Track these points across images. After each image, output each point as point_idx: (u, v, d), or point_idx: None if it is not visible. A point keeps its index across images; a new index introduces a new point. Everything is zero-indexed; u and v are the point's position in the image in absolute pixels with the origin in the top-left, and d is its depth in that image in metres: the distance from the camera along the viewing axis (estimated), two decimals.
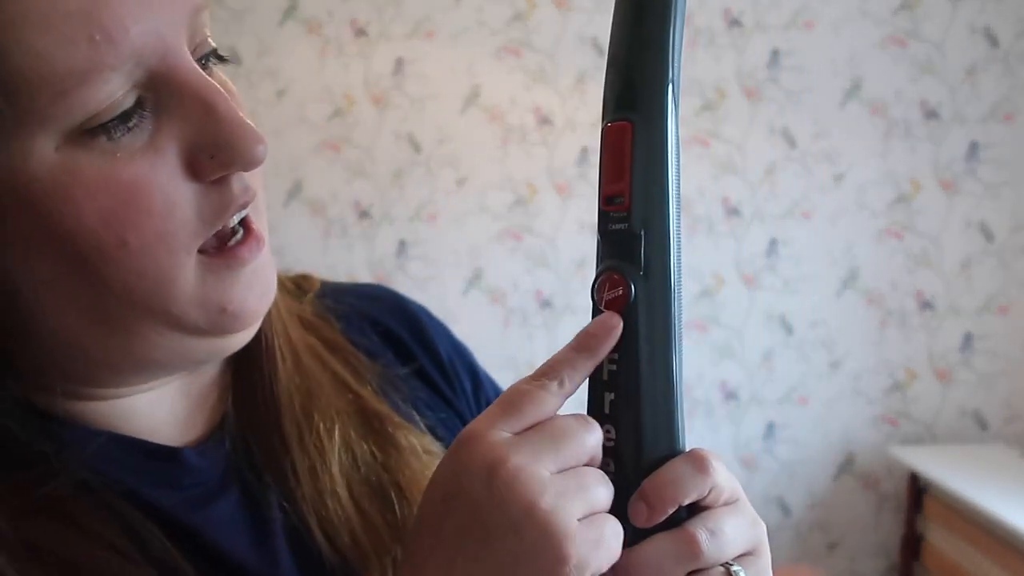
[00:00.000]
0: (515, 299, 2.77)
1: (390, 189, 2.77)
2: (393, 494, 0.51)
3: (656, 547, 0.40)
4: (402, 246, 2.76)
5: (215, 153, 0.39)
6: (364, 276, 2.73)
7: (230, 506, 0.47)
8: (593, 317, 0.40)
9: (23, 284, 0.39)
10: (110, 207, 0.37)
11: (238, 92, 0.44)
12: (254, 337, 0.47)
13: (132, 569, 0.41)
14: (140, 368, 0.44)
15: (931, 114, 2.78)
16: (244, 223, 0.43)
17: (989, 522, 2.21)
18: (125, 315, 0.40)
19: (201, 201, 0.40)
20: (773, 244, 2.81)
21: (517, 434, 0.39)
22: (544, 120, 2.79)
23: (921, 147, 2.78)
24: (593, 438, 0.40)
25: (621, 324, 0.39)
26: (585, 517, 0.38)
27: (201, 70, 0.40)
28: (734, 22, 2.78)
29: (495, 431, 0.38)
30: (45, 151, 0.36)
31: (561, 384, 0.40)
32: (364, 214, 2.77)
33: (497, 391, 0.63)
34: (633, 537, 0.40)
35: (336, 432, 0.51)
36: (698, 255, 2.82)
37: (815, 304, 2.82)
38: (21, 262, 0.38)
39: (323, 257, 2.75)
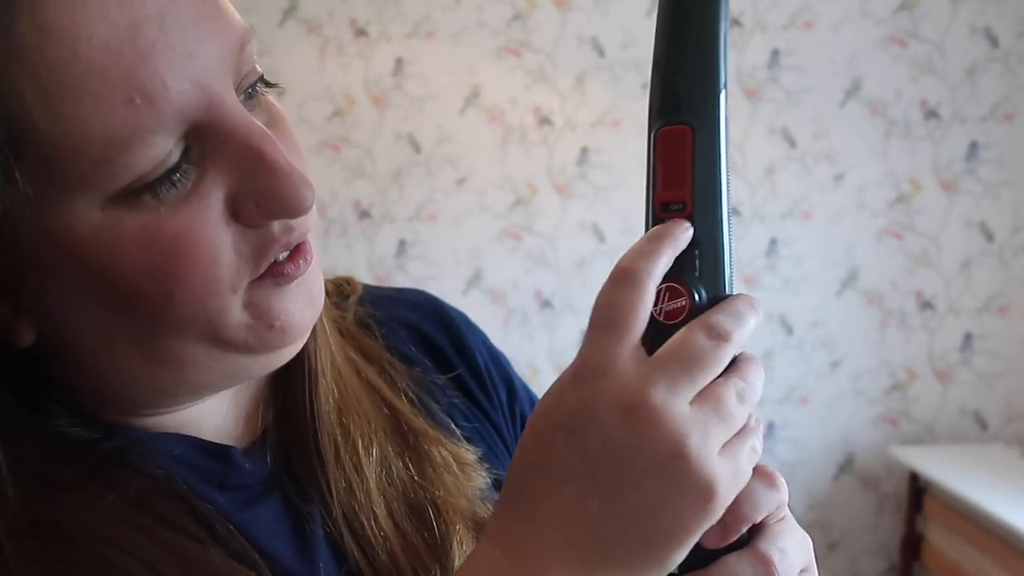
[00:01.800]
0: (515, 299, 2.77)
1: (390, 189, 2.77)
2: (430, 512, 0.51)
3: (732, 569, 0.38)
4: (402, 246, 2.76)
5: (261, 202, 0.39)
6: (364, 276, 2.72)
7: (272, 511, 0.48)
8: (650, 331, 0.38)
9: (75, 328, 0.40)
10: (155, 262, 0.37)
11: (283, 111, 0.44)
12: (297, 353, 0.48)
13: (211, 554, 0.42)
14: (193, 391, 0.45)
15: (931, 114, 2.78)
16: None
17: (989, 522, 2.21)
18: (175, 350, 0.41)
19: (241, 243, 0.39)
20: (773, 244, 2.81)
21: (644, 361, 0.36)
22: (544, 120, 2.79)
23: (921, 147, 2.78)
24: (725, 351, 0.37)
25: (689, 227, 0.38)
26: (727, 444, 0.37)
27: (247, 113, 0.39)
28: (734, 22, 2.78)
29: (622, 360, 0.36)
30: (89, 212, 0.36)
31: (646, 277, 0.38)
32: (364, 214, 2.77)
33: (532, 400, 0.63)
34: (698, 558, 0.38)
35: (373, 450, 0.51)
36: None
37: (815, 304, 2.82)
38: (70, 311, 0.39)
39: (323, 257, 2.73)
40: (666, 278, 0.38)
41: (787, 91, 2.77)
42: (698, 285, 0.38)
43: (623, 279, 0.38)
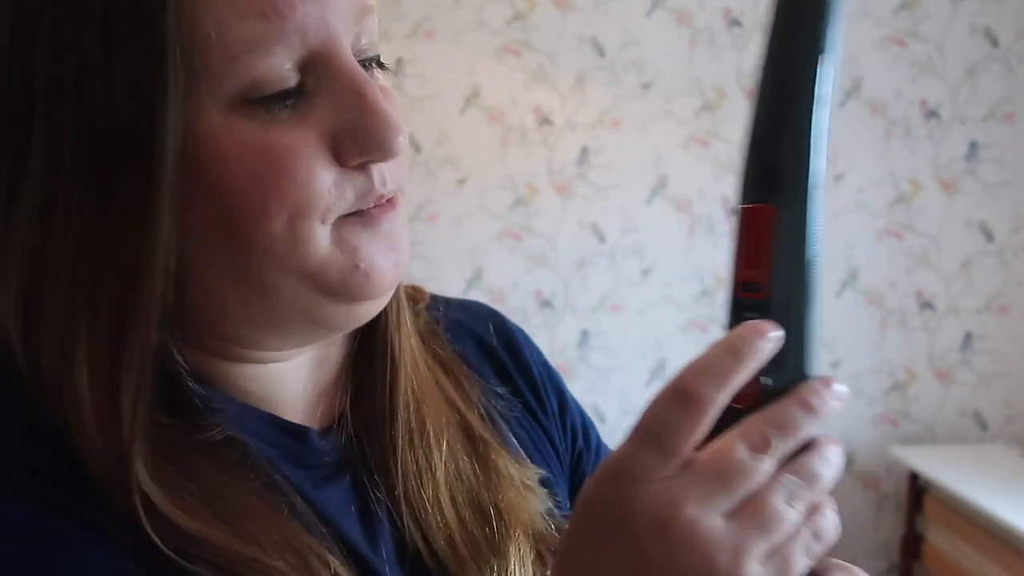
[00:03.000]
0: (515, 299, 2.77)
1: None
2: (492, 512, 0.52)
3: None
4: None
5: (356, 139, 0.42)
6: None
7: (342, 492, 0.49)
8: (724, 416, 0.36)
9: (183, 244, 0.42)
10: (257, 170, 0.41)
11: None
12: (379, 338, 0.50)
13: (279, 518, 0.44)
14: (279, 329, 0.46)
15: (931, 114, 2.78)
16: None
17: (989, 522, 2.21)
18: (263, 274, 0.43)
19: (342, 184, 0.43)
20: None
21: (683, 471, 0.36)
22: (544, 120, 2.79)
23: (921, 147, 2.78)
24: (765, 464, 0.36)
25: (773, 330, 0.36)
26: (770, 552, 0.36)
27: (357, 62, 0.43)
28: (734, 22, 2.78)
29: (662, 471, 0.36)
30: (212, 113, 0.40)
31: (707, 405, 0.36)
32: None
33: (582, 413, 0.64)
34: None
35: (444, 442, 0.52)
36: (699, 255, 2.82)
37: None
38: (182, 212, 0.41)
39: None
40: None
41: None
42: (768, 370, 0.36)
43: (684, 401, 0.36)
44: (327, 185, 0.42)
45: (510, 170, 2.76)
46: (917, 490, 2.63)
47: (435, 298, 0.62)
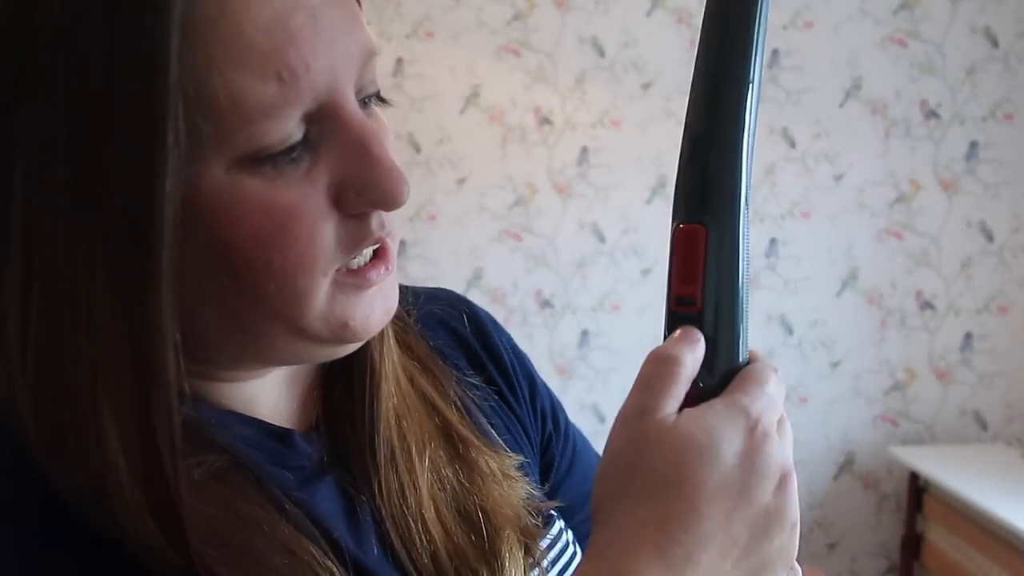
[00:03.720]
0: (515, 299, 2.77)
1: None
2: (479, 517, 0.53)
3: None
4: (402, 246, 2.76)
5: (362, 191, 0.43)
6: None
7: (328, 491, 0.50)
8: None
9: (181, 280, 0.42)
10: (263, 228, 0.41)
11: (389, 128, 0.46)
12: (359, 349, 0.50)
13: (282, 527, 0.44)
14: (260, 361, 0.48)
15: (931, 114, 2.78)
16: (378, 246, 0.46)
17: (989, 522, 2.21)
18: (257, 321, 0.44)
19: (340, 231, 0.43)
20: (773, 244, 2.81)
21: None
22: (544, 120, 2.78)
23: (921, 147, 2.78)
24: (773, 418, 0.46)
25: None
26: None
27: (361, 111, 0.44)
28: None
29: (654, 407, 0.43)
30: (217, 171, 0.40)
31: (679, 362, 0.44)
32: None
33: (552, 398, 0.67)
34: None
35: (427, 455, 0.53)
36: None
37: (815, 304, 2.82)
38: (181, 259, 0.41)
39: None
40: None
41: (787, 91, 2.77)
42: (705, 376, 0.41)
43: (663, 360, 0.44)
44: (329, 239, 0.43)
45: (510, 170, 2.76)
46: (917, 490, 2.63)
47: (403, 290, 0.59)
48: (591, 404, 2.80)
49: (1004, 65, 2.76)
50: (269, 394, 0.51)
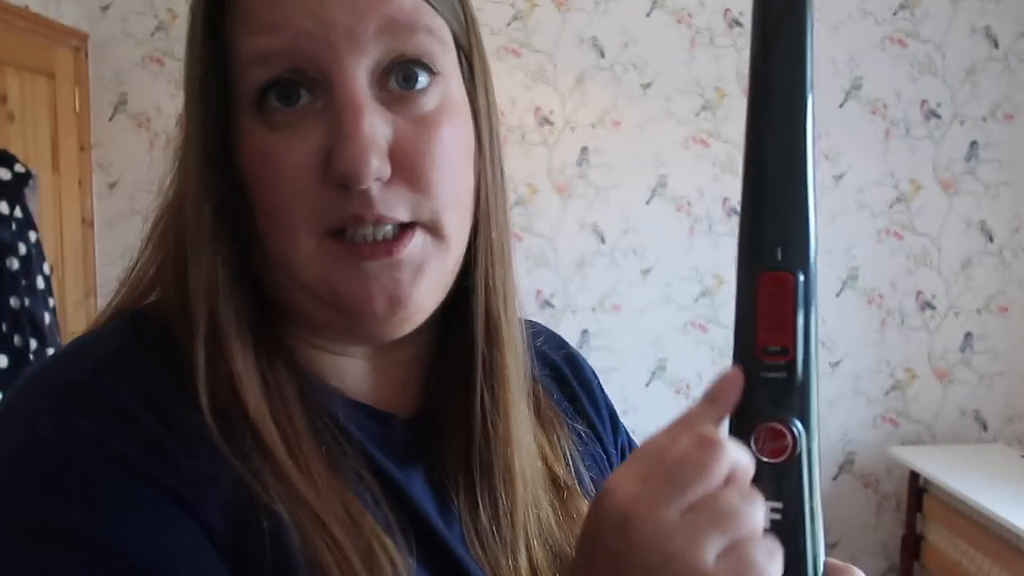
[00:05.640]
0: None
1: None
2: (569, 556, 0.54)
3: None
4: None
5: (330, 160, 0.45)
6: None
7: (421, 478, 0.53)
8: (756, 471, 0.40)
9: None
10: (260, 170, 0.46)
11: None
12: (481, 389, 0.53)
13: (368, 521, 0.47)
14: (315, 325, 0.51)
15: (931, 114, 2.78)
16: (399, 233, 0.47)
17: (989, 522, 2.21)
18: (271, 267, 0.48)
19: (325, 195, 0.45)
20: None
21: (646, 482, 0.39)
22: (544, 120, 2.79)
23: (921, 147, 2.78)
24: (720, 465, 0.38)
25: (742, 378, 0.40)
26: (728, 547, 0.37)
27: (363, 85, 0.45)
28: (734, 22, 2.78)
29: (626, 481, 0.39)
30: (245, 121, 0.47)
31: (694, 429, 0.40)
32: None
33: (629, 438, 0.68)
34: None
35: (529, 496, 0.54)
36: (698, 255, 2.82)
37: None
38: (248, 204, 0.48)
39: None
40: (772, 418, 0.39)
41: None
42: (797, 422, 0.39)
43: (677, 426, 0.41)
44: (309, 198, 0.45)
45: (510, 170, 2.74)
46: (917, 490, 2.63)
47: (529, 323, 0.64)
48: None
49: (1004, 65, 2.76)
50: (371, 378, 0.54)
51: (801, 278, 0.38)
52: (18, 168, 2.13)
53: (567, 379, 0.65)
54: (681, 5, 2.78)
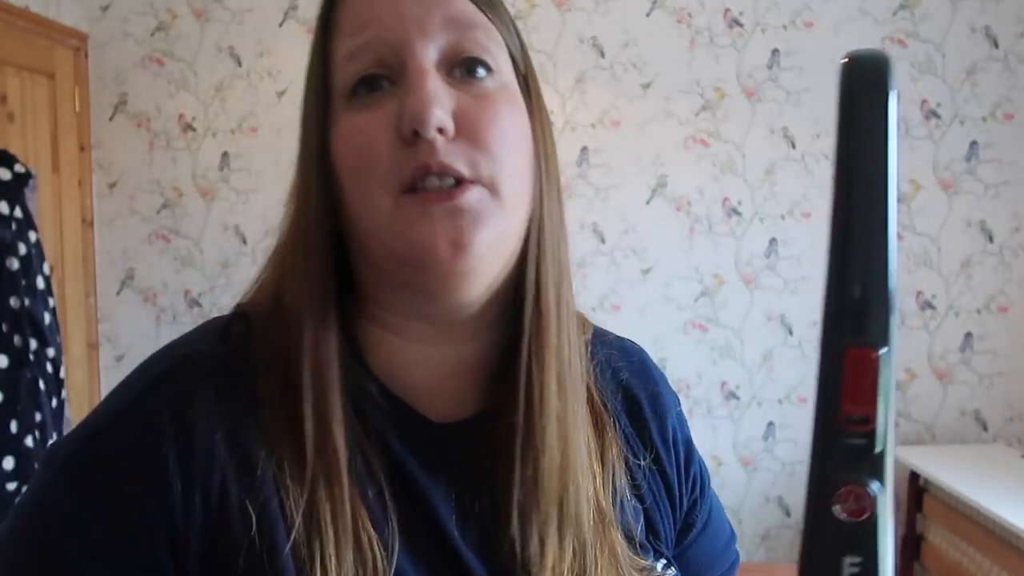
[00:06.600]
0: None
1: None
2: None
3: None
4: None
5: (402, 114, 0.52)
6: None
7: (445, 479, 0.56)
8: (814, 512, 0.42)
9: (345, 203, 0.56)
10: (349, 145, 0.54)
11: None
12: (540, 385, 0.56)
13: (355, 498, 0.52)
14: (390, 289, 0.56)
15: (931, 114, 2.78)
16: (458, 184, 0.52)
17: (989, 522, 2.21)
18: (360, 232, 0.54)
19: (397, 152, 0.52)
20: (773, 244, 2.81)
21: None
22: None
23: (921, 147, 2.79)
24: None
25: None
26: None
27: (431, 60, 0.53)
28: (734, 22, 2.78)
29: None
30: (339, 110, 0.55)
31: None
32: None
33: (702, 465, 0.69)
34: None
35: (568, 532, 0.56)
36: (698, 255, 2.82)
37: (815, 304, 2.82)
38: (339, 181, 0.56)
39: None
40: (856, 482, 0.42)
41: (787, 91, 2.77)
42: (874, 485, 0.42)
43: None
44: (386, 158, 0.52)
45: None
46: (917, 490, 2.63)
47: (596, 332, 0.68)
48: None
49: (1004, 65, 2.76)
50: (426, 372, 0.58)
51: (885, 353, 0.41)
52: (18, 168, 2.13)
53: (642, 410, 0.66)
54: (681, 5, 2.78)
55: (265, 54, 2.84)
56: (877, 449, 0.41)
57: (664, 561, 0.61)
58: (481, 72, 0.54)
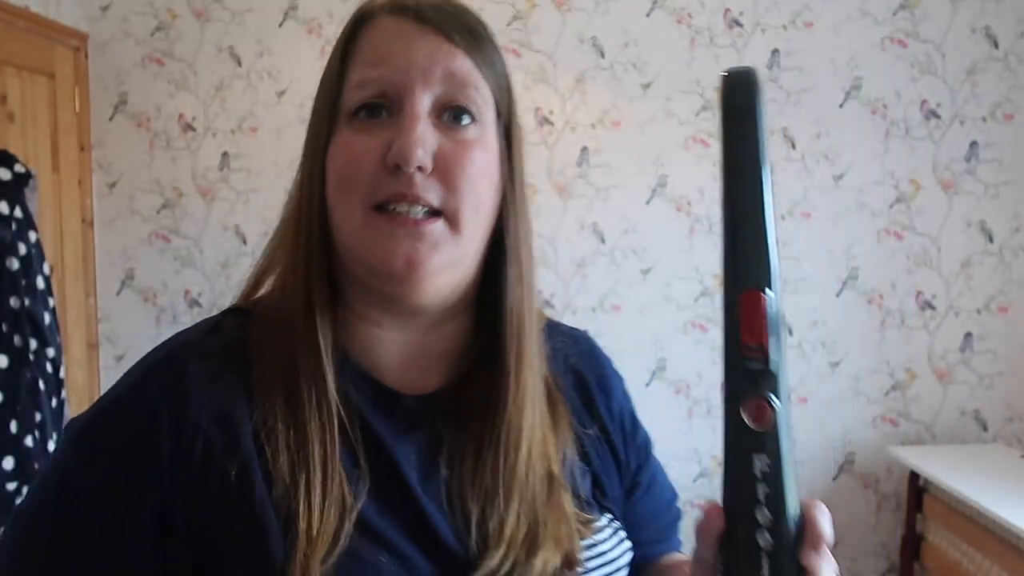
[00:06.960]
0: None
1: None
2: (540, 527, 0.64)
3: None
4: None
5: (390, 148, 0.61)
6: None
7: (414, 443, 0.65)
8: (730, 424, 0.52)
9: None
10: (338, 155, 0.63)
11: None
12: (502, 350, 0.66)
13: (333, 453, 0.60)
14: (361, 285, 0.65)
15: (931, 114, 2.78)
16: (426, 217, 0.62)
17: (989, 522, 2.21)
18: (340, 238, 0.63)
19: (379, 177, 0.61)
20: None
21: None
22: (544, 120, 2.79)
23: (921, 147, 2.79)
24: None
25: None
26: None
27: (424, 106, 0.62)
28: (734, 22, 2.78)
29: None
30: (341, 125, 0.64)
31: None
32: None
33: (646, 433, 0.80)
34: None
35: (522, 490, 0.65)
36: (698, 255, 2.82)
37: (815, 304, 2.82)
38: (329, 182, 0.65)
39: None
40: (759, 395, 0.52)
41: (787, 91, 2.77)
42: (775, 400, 0.52)
43: None
44: (369, 177, 0.61)
45: None
46: (917, 490, 2.63)
47: (549, 323, 0.77)
48: None
49: (1004, 65, 2.76)
50: (391, 351, 0.67)
51: (769, 294, 0.52)
52: (18, 168, 2.13)
53: (589, 388, 0.76)
54: (681, 5, 2.78)
55: (265, 54, 2.84)
56: (772, 370, 0.52)
57: (610, 516, 0.71)
58: (466, 120, 0.64)
